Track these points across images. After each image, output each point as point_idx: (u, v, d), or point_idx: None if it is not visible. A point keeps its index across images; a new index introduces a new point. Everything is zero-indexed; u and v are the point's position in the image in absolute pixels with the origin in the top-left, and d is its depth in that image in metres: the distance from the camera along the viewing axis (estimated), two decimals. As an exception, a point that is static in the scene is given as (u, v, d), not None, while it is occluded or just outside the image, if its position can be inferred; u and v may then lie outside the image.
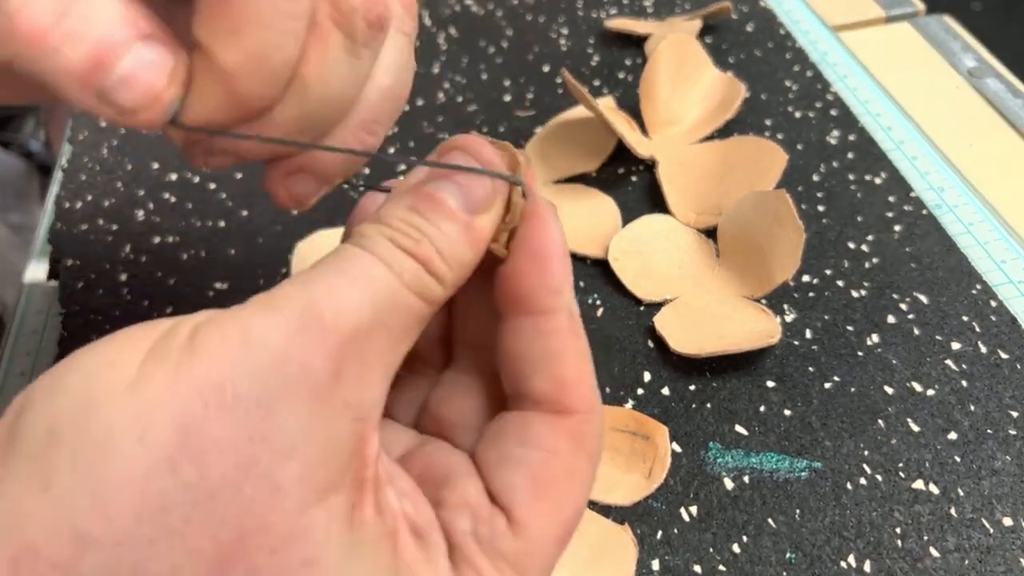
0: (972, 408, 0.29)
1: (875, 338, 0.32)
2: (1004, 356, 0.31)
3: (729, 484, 0.28)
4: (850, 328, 0.32)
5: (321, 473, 0.15)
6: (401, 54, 0.20)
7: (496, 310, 0.19)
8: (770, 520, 0.27)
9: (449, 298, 0.18)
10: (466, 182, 0.18)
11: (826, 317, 0.33)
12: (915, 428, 0.29)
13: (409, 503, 0.16)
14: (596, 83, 0.45)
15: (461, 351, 0.21)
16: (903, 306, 0.33)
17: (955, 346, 0.31)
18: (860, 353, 0.31)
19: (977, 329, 0.32)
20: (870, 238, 0.35)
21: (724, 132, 0.40)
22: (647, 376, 0.31)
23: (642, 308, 0.34)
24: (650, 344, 0.32)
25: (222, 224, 0.39)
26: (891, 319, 0.32)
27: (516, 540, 0.16)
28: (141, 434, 0.14)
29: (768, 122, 0.41)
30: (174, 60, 0.17)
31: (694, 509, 0.28)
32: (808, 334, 0.32)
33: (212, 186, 0.41)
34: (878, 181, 0.38)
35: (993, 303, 0.33)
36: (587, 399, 0.18)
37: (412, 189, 0.18)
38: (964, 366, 0.31)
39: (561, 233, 0.19)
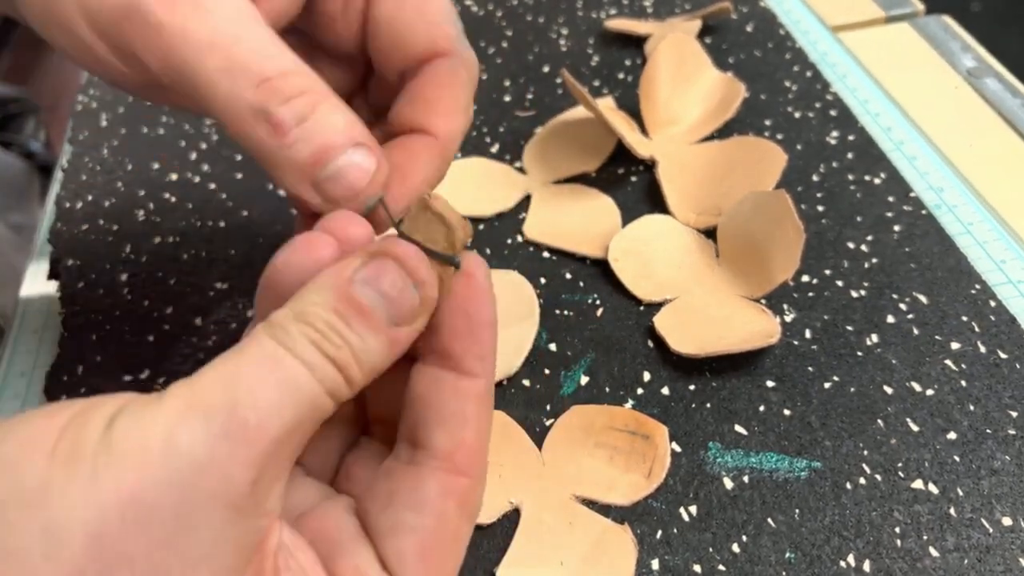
0: (971, 408, 0.29)
1: (874, 338, 0.32)
2: (1003, 356, 0.31)
3: (729, 484, 0.28)
4: (849, 328, 0.32)
5: (227, 574, 0.15)
6: None
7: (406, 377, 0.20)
8: (769, 520, 0.27)
9: None
10: (395, 295, 0.18)
11: (825, 317, 0.33)
12: (914, 428, 0.29)
13: None
14: (596, 83, 0.45)
15: (375, 421, 0.22)
16: (902, 306, 0.33)
17: (954, 346, 0.31)
18: (859, 353, 0.31)
19: (976, 329, 0.32)
20: (869, 238, 0.35)
21: (724, 132, 0.40)
22: (647, 376, 0.31)
23: (642, 308, 0.34)
24: (650, 344, 0.32)
25: (222, 224, 0.39)
26: (890, 319, 0.32)
27: None
28: (48, 549, 0.13)
29: (768, 122, 0.41)
30: (376, 165, 0.20)
31: (694, 509, 0.28)
32: (807, 334, 0.32)
33: (212, 186, 0.41)
34: (877, 181, 0.38)
35: (992, 303, 0.33)
36: (481, 466, 0.19)
37: (337, 289, 0.17)
38: (963, 366, 0.31)
39: (493, 301, 0.19)
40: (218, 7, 0.20)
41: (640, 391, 0.31)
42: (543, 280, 0.35)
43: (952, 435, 0.29)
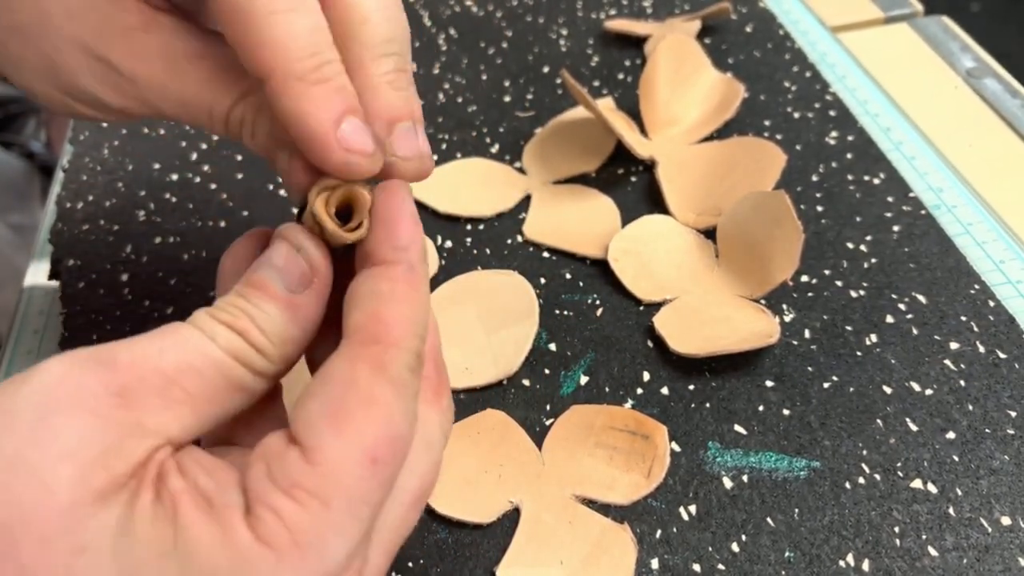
0: (970, 408, 0.30)
1: (873, 338, 0.32)
2: (1002, 356, 0.31)
3: (728, 483, 0.28)
4: (849, 328, 0.32)
5: (100, 475, 0.16)
6: None
7: None
8: (769, 519, 0.27)
9: (282, 374, 0.20)
10: (285, 265, 0.20)
11: (825, 317, 0.33)
12: (913, 428, 0.29)
13: (206, 477, 0.17)
14: (596, 84, 0.45)
15: None
16: (901, 306, 0.33)
17: (953, 346, 0.31)
18: (859, 353, 0.31)
19: (975, 329, 0.32)
20: (869, 238, 0.35)
21: (723, 133, 0.40)
22: (646, 376, 0.31)
23: (642, 308, 0.34)
24: (649, 344, 0.33)
25: (223, 224, 0.39)
26: (889, 319, 0.32)
27: (310, 466, 0.16)
28: None
29: (767, 123, 0.41)
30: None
31: (693, 508, 0.28)
32: (807, 334, 0.32)
33: (213, 186, 0.41)
34: (877, 181, 0.38)
35: (991, 303, 0.33)
36: (395, 333, 0.18)
37: (243, 278, 0.20)
38: (962, 366, 0.31)
39: (409, 201, 0.20)
40: None
41: (640, 391, 0.31)
42: (543, 280, 0.35)
43: (951, 435, 0.29)
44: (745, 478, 0.28)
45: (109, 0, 0.22)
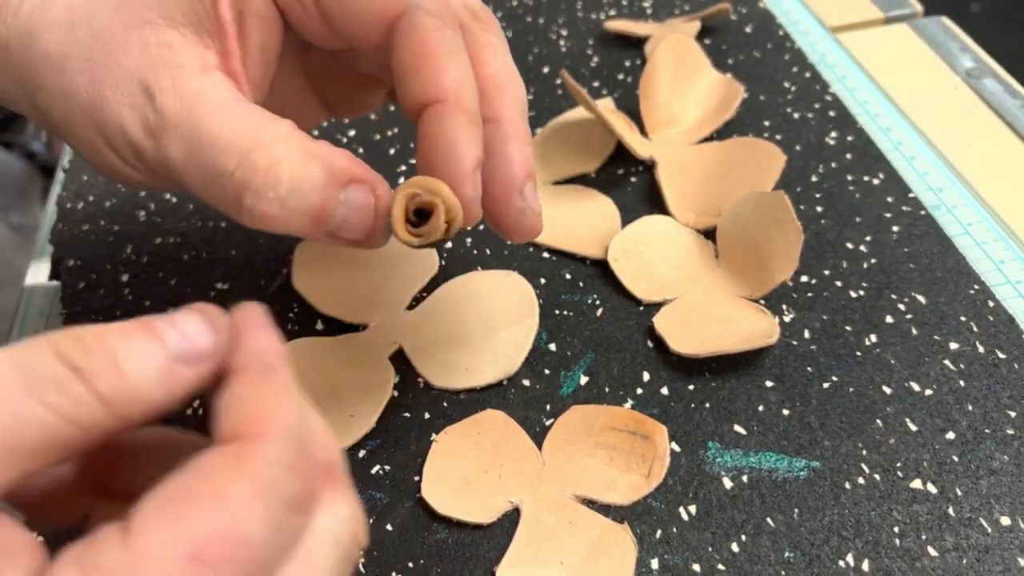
0: (970, 408, 0.30)
1: (873, 338, 0.32)
2: (1002, 356, 0.31)
3: (728, 483, 0.28)
4: (848, 328, 0.32)
5: None
6: None
7: None
8: (769, 519, 0.27)
9: (120, 431, 0.17)
10: (192, 331, 0.18)
11: (824, 317, 0.33)
12: (913, 428, 0.29)
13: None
14: (595, 84, 0.45)
15: None
16: (901, 306, 0.33)
17: (953, 346, 0.31)
18: (858, 353, 0.32)
19: (975, 329, 0.32)
20: (868, 238, 0.35)
21: (723, 133, 0.40)
22: (646, 376, 0.32)
23: (641, 308, 0.34)
24: (649, 344, 0.33)
25: (223, 224, 0.39)
26: (889, 319, 0.33)
27: (122, 550, 0.15)
28: None
29: (767, 123, 0.41)
30: (373, 198, 0.22)
31: (693, 508, 0.28)
32: (806, 334, 0.32)
33: (213, 187, 0.41)
34: (876, 182, 0.38)
35: (991, 303, 0.33)
36: (262, 430, 0.16)
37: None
38: (962, 366, 0.31)
39: (264, 322, 0.18)
40: (201, 91, 0.22)
41: (640, 391, 0.31)
42: (543, 280, 0.35)
43: (951, 435, 0.29)
44: (745, 478, 0.28)
45: (179, 40, 0.23)
